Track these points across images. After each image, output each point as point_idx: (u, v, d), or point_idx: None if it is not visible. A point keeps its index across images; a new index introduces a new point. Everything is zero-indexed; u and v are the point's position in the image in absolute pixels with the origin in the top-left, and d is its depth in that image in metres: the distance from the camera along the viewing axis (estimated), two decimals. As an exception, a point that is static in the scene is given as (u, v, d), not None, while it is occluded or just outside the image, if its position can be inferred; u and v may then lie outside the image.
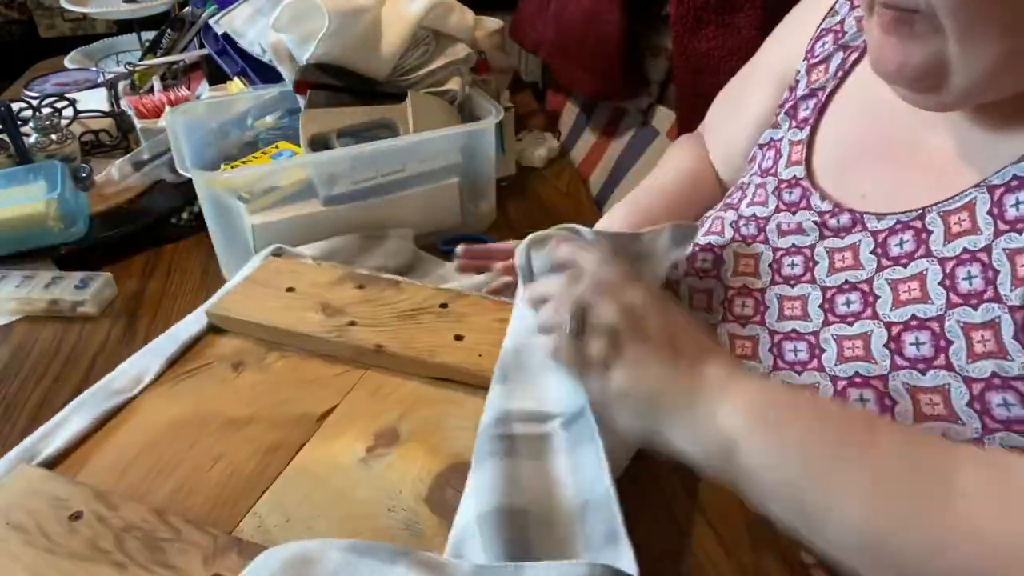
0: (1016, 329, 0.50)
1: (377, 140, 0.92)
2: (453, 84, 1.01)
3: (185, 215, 1.02)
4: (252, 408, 0.62)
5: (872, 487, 0.44)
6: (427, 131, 0.93)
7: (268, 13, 1.03)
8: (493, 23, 1.15)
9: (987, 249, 0.53)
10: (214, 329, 0.73)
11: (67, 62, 1.53)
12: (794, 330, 0.63)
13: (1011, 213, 0.52)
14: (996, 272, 0.52)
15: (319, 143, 0.93)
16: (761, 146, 0.74)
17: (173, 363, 0.68)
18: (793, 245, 0.66)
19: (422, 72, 1.00)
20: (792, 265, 0.65)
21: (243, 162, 0.98)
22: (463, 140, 0.95)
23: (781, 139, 0.71)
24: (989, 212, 0.53)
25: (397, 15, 0.97)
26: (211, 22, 1.19)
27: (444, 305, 0.69)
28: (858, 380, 0.57)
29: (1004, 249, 0.52)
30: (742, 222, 0.70)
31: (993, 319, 0.51)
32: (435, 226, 0.97)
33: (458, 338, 0.65)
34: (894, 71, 0.54)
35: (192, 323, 0.73)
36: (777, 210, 0.68)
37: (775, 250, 0.67)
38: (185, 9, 1.30)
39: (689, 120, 1.04)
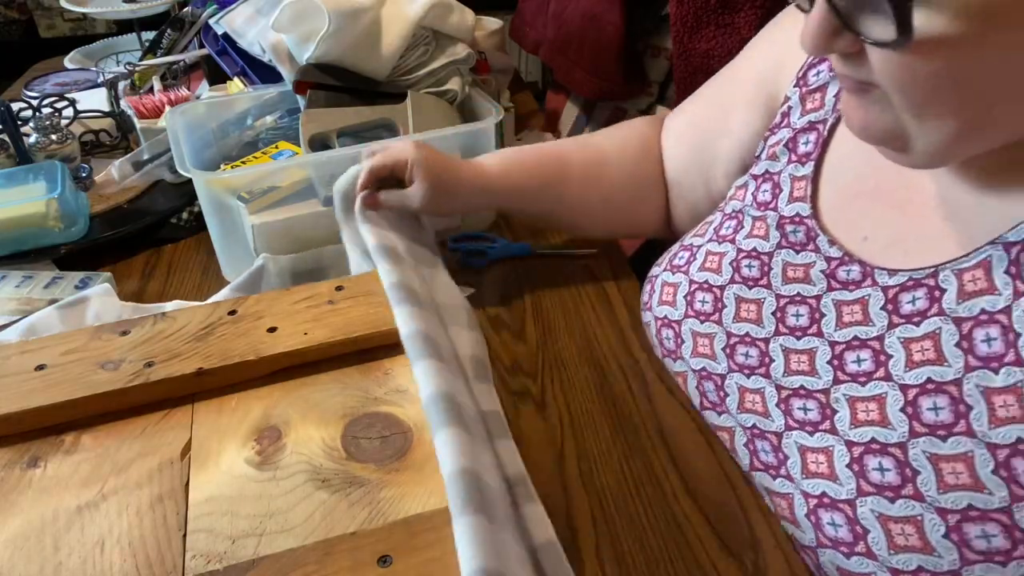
0: None
1: (377, 140, 0.92)
2: (453, 84, 1.01)
3: (185, 215, 1.02)
4: (92, 489, 0.51)
5: None
6: (427, 131, 0.93)
7: (268, 13, 1.03)
8: (493, 23, 1.15)
9: (1007, 311, 0.51)
10: None
11: (67, 62, 1.53)
12: (802, 386, 0.61)
13: None
14: (1018, 335, 0.50)
15: (319, 143, 0.93)
16: (755, 176, 0.72)
17: None
18: (799, 294, 0.64)
19: (422, 72, 1.00)
20: (797, 316, 0.64)
21: (243, 162, 0.97)
22: (463, 140, 0.95)
23: (780, 172, 0.69)
24: (1007, 271, 0.51)
25: (397, 15, 0.97)
26: (211, 22, 1.19)
27: (233, 312, 0.64)
28: (875, 447, 0.54)
29: None
30: (743, 259, 0.69)
31: (1016, 383, 0.49)
32: (435, 226, 0.97)
33: (271, 331, 0.62)
34: (859, 131, 0.54)
35: None
36: (780, 246, 0.67)
37: (778, 297, 0.65)
38: (185, 9, 1.30)
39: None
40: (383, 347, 0.61)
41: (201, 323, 0.63)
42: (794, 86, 0.71)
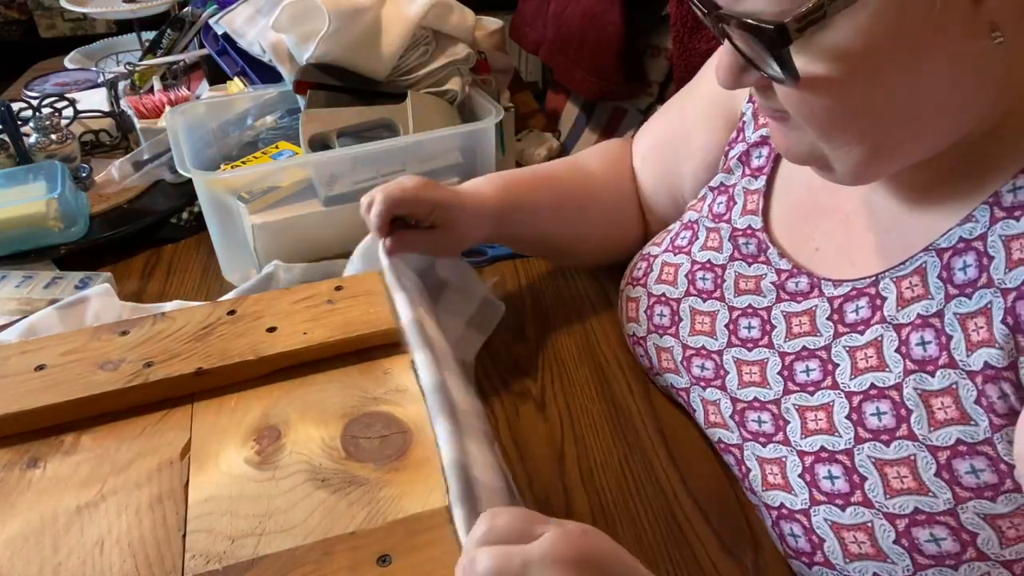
0: (977, 394, 0.49)
1: (377, 140, 0.92)
2: (453, 84, 1.01)
3: (185, 215, 1.02)
4: (92, 489, 0.51)
5: None
6: (427, 131, 0.93)
7: (268, 13, 1.03)
8: (493, 23, 1.15)
9: (939, 314, 0.52)
10: None
11: (67, 62, 1.53)
12: (756, 398, 0.62)
13: (959, 277, 0.51)
14: (949, 337, 0.51)
15: (319, 143, 0.93)
16: (712, 188, 0.73)
17: None
18: (750, 306, 0.65)
19: (422, 72, 1.00)
20: (749, 328, 0.65)
21: (243, 162, 0.98)
22: (463, 140, 0.95)
23: (734, 185, 0.71)
24: (939, 276, 0.53)
25: (397, 15, 0.97)
26: (211, 22, 1.19)
27: (232, 312, 0.64)
28: (824, 455, 0.55)
29: (955, 314, 0.51)
30: (697, 271, 0.70)
31: (951, 385, 0.50)
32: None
33: (271, 330, 0.62)
34: (785, 154, 0.57)
35: None
36: (732, 258, 0.68)
37: (731, 308, 0.67)
38: (185, 9, 1.30)
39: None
40: (382, 347, 0.61)
41: (200, 323, 0.63)
42: (747, 102, 0.72)
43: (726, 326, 0.66)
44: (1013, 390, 0.48)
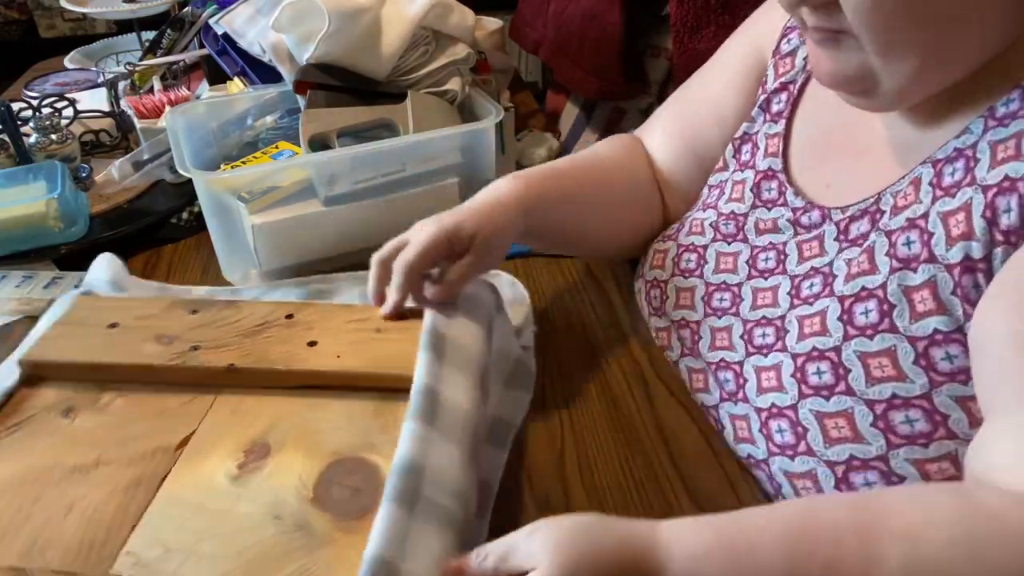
0: (954, 285, 0.53)
1: (377, 140, 0.92)
2: (453, 84, 1.00)
3: (185, 215, 1.03)
4: (97, 451, 0.56)
5: None
6: (427, 131, 0.93)
7: (268, 13, 1.03)
8: (493, 23, 1.15)
9: (925, 215, 0.56)
10: (28, 381, 0.63)
11: (67, 62, 1.53)
12: (764, 317, 0.66)
13: (947, 180, 0.55)
14: (931, 235, 0.55)
15: (319, 143, 0.93)
16: (735, 140, 0.77)
17: None
18: (770, 242, 0.70)
19: (422, 72, 0.99)
20: (767, 260, 0.69)
21: (243, 162, 0.97)
22: (463, 140, 0.95)
23: (756, 132, 0.75)
24: (930, 183, 0.56)
25: (397, 15, 0.96)
26: (211, 22, 1.19)
27: (290, 316, 0.66)
28: (815, 354, 0.59)
29: (939, 212, 0.55)
30: (722, 220, 0.74)
31: (930, 278, 0.54)
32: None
33: (311, 344, 0.63)
34: (828, 79, 0.59)
35: (2, 376, 0.63)
36: (754, 206, 0.72)
37: (753, 248, 0.71)
38: (185, 9, 1.30)
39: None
40: (406, 391, 0.58)
41: (260, 319, 0.66)
42: (771, 57, 0.76)
43: (747, 262, 0.71)
44: (985, 281, 0.52)
